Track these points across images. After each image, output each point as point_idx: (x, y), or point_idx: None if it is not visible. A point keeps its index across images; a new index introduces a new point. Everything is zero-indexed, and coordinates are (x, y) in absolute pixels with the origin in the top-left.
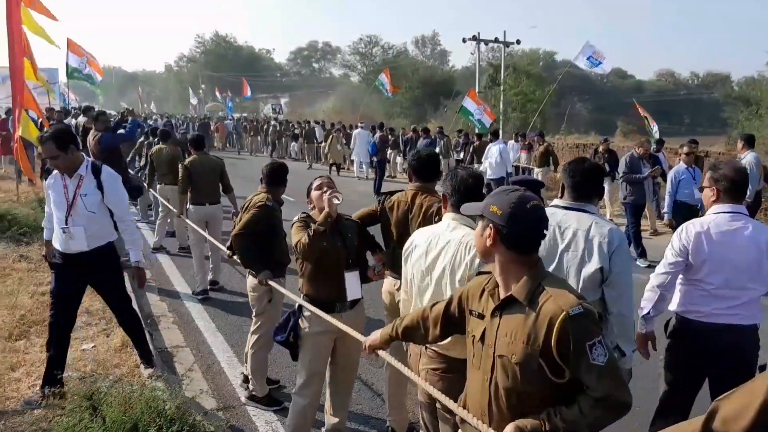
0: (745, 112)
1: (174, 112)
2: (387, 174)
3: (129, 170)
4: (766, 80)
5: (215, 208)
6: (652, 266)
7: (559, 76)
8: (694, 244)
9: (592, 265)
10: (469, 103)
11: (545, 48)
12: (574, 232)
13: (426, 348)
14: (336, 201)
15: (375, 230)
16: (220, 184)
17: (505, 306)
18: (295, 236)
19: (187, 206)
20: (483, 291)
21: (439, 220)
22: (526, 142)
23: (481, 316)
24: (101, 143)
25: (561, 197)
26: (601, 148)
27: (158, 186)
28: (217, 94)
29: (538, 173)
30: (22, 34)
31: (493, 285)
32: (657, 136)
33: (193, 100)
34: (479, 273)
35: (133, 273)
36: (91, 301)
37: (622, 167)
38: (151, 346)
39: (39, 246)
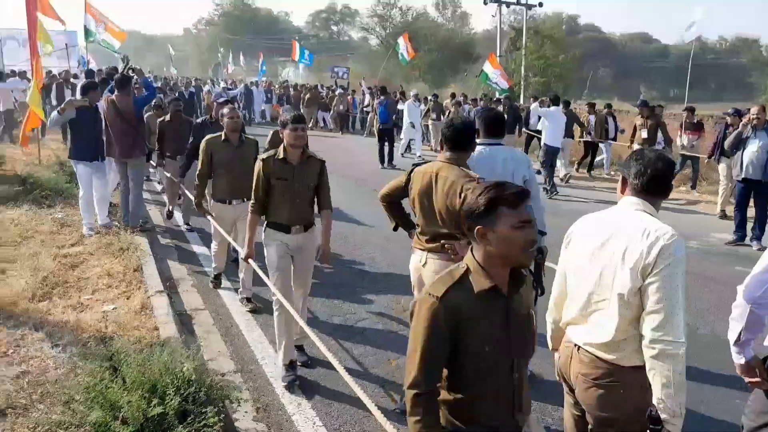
0: None
1: (192, 76)
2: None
3: None
4: None
5: None
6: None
7: (582, 40)
8: None
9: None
10: (488, 68)
11: (568, 11)
12: None
13: (578, 349)
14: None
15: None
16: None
17: None
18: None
19: None
20: None
21: (463, 201)
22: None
23: None
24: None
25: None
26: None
27: None
28: (241, 58)
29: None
30: None
31: None
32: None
33: (230, 66)
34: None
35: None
36: (112, 263)
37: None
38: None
39: (61, 208)
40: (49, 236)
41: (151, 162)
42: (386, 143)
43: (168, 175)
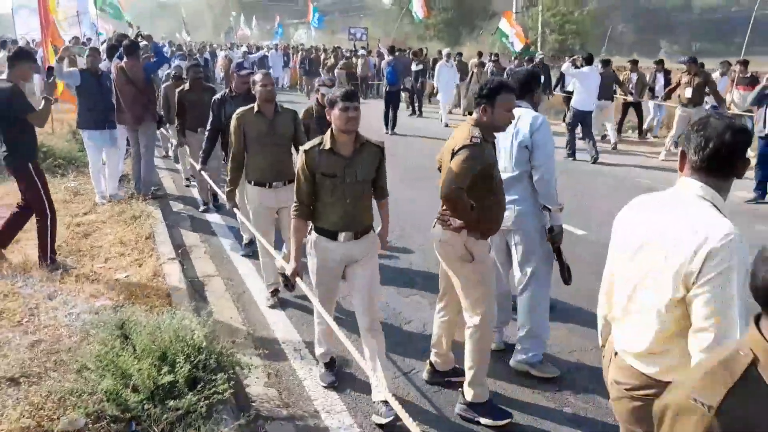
0: None
1: (207, 41)
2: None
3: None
4: None
5: None
6: None
7: None
8: None
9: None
10: (504, 25)
11: None
12: None
13: (616, 354)
14: None
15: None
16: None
17: None
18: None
19: None
20: None
21: (459, 165)
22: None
23: None
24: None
25: None
26: None
27: None
28: (254, 21)
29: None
30: None
31: None
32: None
33: (246, 30)
34: None
35: None
36: (124, 231)
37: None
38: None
39: (74, 177)
40: (62, 205)
41: (163, 130)
42: (390, 108)
43: (190, 159)
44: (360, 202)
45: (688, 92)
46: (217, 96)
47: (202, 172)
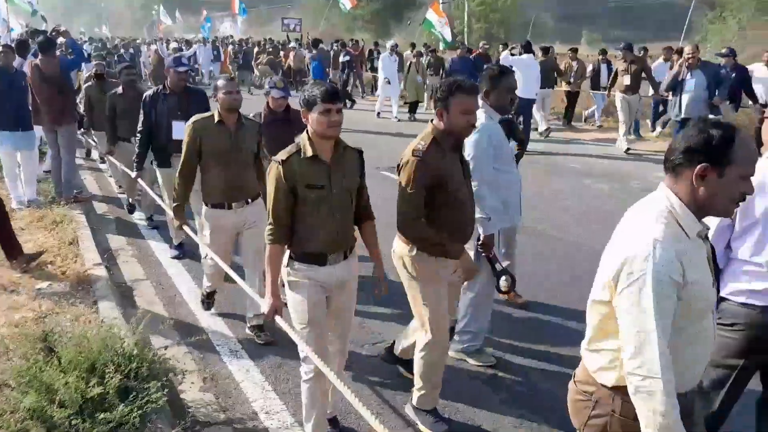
0: (709, 15)
1: (129, 37)
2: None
3: None
4: None
5: None
6: None
7: None
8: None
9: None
10: (432, 16)
11: None
12: None
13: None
14: None
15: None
16: None
17: None
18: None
19: None
20: None
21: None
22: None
23: None
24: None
25: None
26: None
27: None
28: (177, 14)
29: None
30: None
31: None
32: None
33: (166, 20)
34: None
35: None
36: (45, 238)
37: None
38: None
39: None
40: None
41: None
42: None
43: (122, 167)
44: (348, 215)
45: (626, 79)
46: (149, 93)
47: (139, 180)
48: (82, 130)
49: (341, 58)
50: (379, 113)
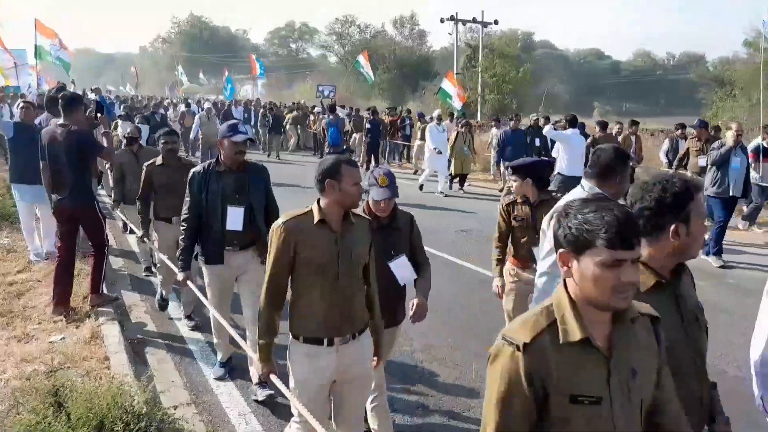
0: (719, 92)
1: (152, 96)
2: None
3: None
4: (740, 61)
5: None
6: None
7: (537, 56)
8: None
9: None
10: (447, 85)
11: (523, 28)
12: None
13: None
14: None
15: None
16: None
17: None
18: None
19: None
20: None
21: None
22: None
23: None
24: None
25: None
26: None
27: None
28: (201, 75)
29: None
30: None
31: None
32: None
33: (184, 78)
34: None
35: None
36: None
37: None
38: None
39: (8, 233)
40: None
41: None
42: None
43: (163, 257)
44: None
45: (702, 161)
46: (197, 169)
47: (189, 283)
48: (100, 185)
49: (366, 125)
50: (422, 186)
